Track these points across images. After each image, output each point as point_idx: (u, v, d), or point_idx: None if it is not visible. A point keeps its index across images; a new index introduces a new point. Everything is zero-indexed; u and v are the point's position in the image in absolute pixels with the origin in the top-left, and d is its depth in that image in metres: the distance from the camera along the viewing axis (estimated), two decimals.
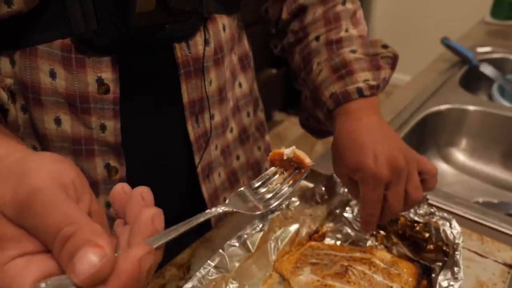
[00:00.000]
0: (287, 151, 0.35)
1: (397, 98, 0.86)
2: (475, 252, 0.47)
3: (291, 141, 2.10)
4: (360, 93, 0.44)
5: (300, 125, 0.58)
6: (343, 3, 0.50)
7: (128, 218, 0.23)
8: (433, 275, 0.43)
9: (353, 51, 0.46)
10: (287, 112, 2.31)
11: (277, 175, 0.35)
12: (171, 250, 0.51)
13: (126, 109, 0.40)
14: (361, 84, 0.44)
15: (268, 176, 0.35)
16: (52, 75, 0.37)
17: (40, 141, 0.40)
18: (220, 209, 0.30)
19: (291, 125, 2.24)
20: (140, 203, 0.23)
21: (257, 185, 0.34)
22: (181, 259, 0.47)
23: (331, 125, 0.47)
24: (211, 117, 0.47)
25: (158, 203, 0.53)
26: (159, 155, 0.46)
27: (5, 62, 0.37)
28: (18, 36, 0.36)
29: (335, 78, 0.45)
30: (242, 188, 0.33)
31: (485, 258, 0.46)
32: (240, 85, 0.54)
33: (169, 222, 0.62)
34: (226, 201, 0.32)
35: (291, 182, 0.34)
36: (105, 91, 0.38)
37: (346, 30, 0.48)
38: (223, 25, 0.45)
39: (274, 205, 0.33)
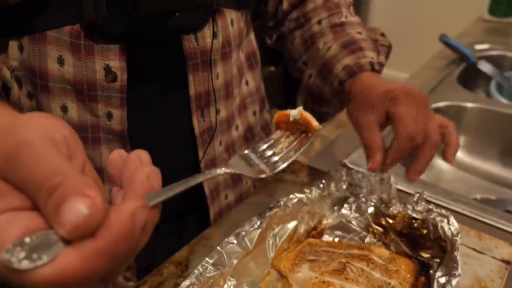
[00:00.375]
0: (294, 112, 0.32)
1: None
2: (473, 249, 0.47)
3: None
4: (372, 65, 0.46)
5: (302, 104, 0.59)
6: None
7: (124, 181, 0.22)
8: (431, 271, 0.43)
9: (359, 33, 0.49)
10: (284, 109, 2.31)
11: (282, 139, 0.33)
12: (169, 247, 0.51)
13: (133, 98, 0.41)
14: (370, 59, 0.46)
15: (273, 140, 0.32)
16: (60, 61, 0.37)
17: None
18: (221, 170, 0.27)
19: None
20: (136, 165, 0.22)
21: (262, 148, 0.31)
22: (179, 257, 0.47)
23: (339, 97, 0.49)
24: (217, 111, 0.47)
25: None
26: (163, 146, 0.46)
27: (13, 48, 0.37)
28: (27, 22, 0.36)
29: (347, 52, 0.47)
30: (245, 151, 0.31)
31: (482, 254, 0.46)
32: (247, 83, 0.54)
33: (171, 220, 0.62)
34: (228, 162, 0.29)
35: (297, 146, 0.32)
36: (112, 79, 0.38)
37: (346, 17, 0.51)
38: (231, 20, 0.45)
39: (280, 167, 0.30)
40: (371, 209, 0.49)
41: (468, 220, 0.53)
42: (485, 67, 0.95)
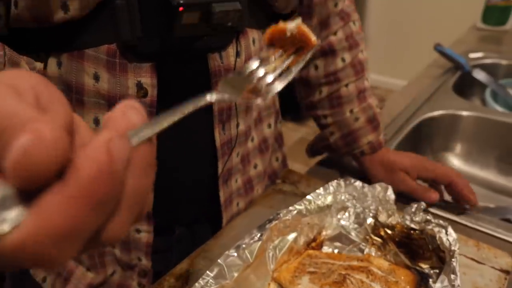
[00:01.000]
0: (291, 26, 0.28)
1: (392, 104, 0.87)
2: (472, 259, 0.47)
3: (287, 147, 2.10)
4: (384, 142, 0.61)
5: (309, 148, 0.68)
6: (362, 52, 0.59)
7: None
8: (431, 282, 0.43)
9: (377, 106, 0.60)
10: (283, 118, 2.32)
11: (274, 57, 0.29)
12: (183, 252, 0.52)
13: (159, 112, 0.42)
14: (384, 137, 0.61)
15: (263, 59, 0.28)
16: (96, 77, 0.39)
17: None
18: (211, 97, 0.24)
19: (287, 131, 2.24)
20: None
21: (252, 68, 0.27)
22: (179, 270, 0.47)
23: (353, 157, 0.62)
24: (237, 125, 0.49)
25: (179, 205, 0.52)
26: (185, 157, 0.48)
27: (52, 64, 0.39)
28: (68, 40, 0.38)
29: (371, 128, 0.59)
30: (231, 75, 0.27)
31: (481, 264, 0.47)
32: None
33: (186, 224, 0.64)
34: (218, 87, 0.25)
35: (293, 64, 0.28)
36: (143, 94, 0.40)
37: (367, 79, 0.59)
38: (253, 39, 0.47)
39: (278, 89, 0.27)
40: (370, 220, 0.49)
41: (467, 229, 0.54)
42: (480, 75, 0.97)
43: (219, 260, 0.40)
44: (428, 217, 0.45)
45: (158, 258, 0.51)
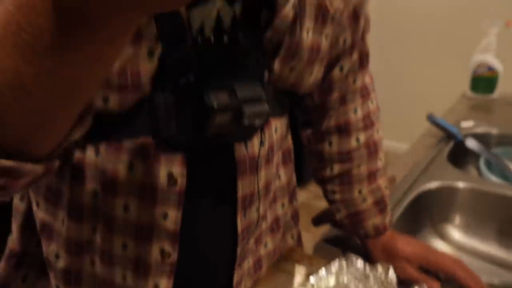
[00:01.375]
0: None
1: (389, 175, 0.89)
2: None
3: None
4: (390, 223, 0.62)
5: (315, 219, 0.70)
6: (378, 131, 0.61)
7: None
8: None
9: (386, 187, 0.62)
10: None
11: None
12: None
13: (187, 200, 0.44)
14: (390, 219, 0.62)
15: None
16: (131, 167, 0.41)
17: (105, 221, 0.44)
18: None
19: None
20: None
21: None
22: None
23: (362, 240, 0.63)
24: (257, 210, 0.51)
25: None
26: (208, 242, 0.49)
27: (90, 152, 0.42)
28: (107, 130, 0.41)
29: (377, 211, 0.60)
30: None
31: None
32: (279, 177, 0.58)
33: None
34: None
35: None
36: (173, 184, 0.42)
37: (380, 159, 0.61)
38: (276, 127, 0.50)
39: None
40: None
41: None
42: (472, 144, 1.00)
43: None
44: None
45: None
